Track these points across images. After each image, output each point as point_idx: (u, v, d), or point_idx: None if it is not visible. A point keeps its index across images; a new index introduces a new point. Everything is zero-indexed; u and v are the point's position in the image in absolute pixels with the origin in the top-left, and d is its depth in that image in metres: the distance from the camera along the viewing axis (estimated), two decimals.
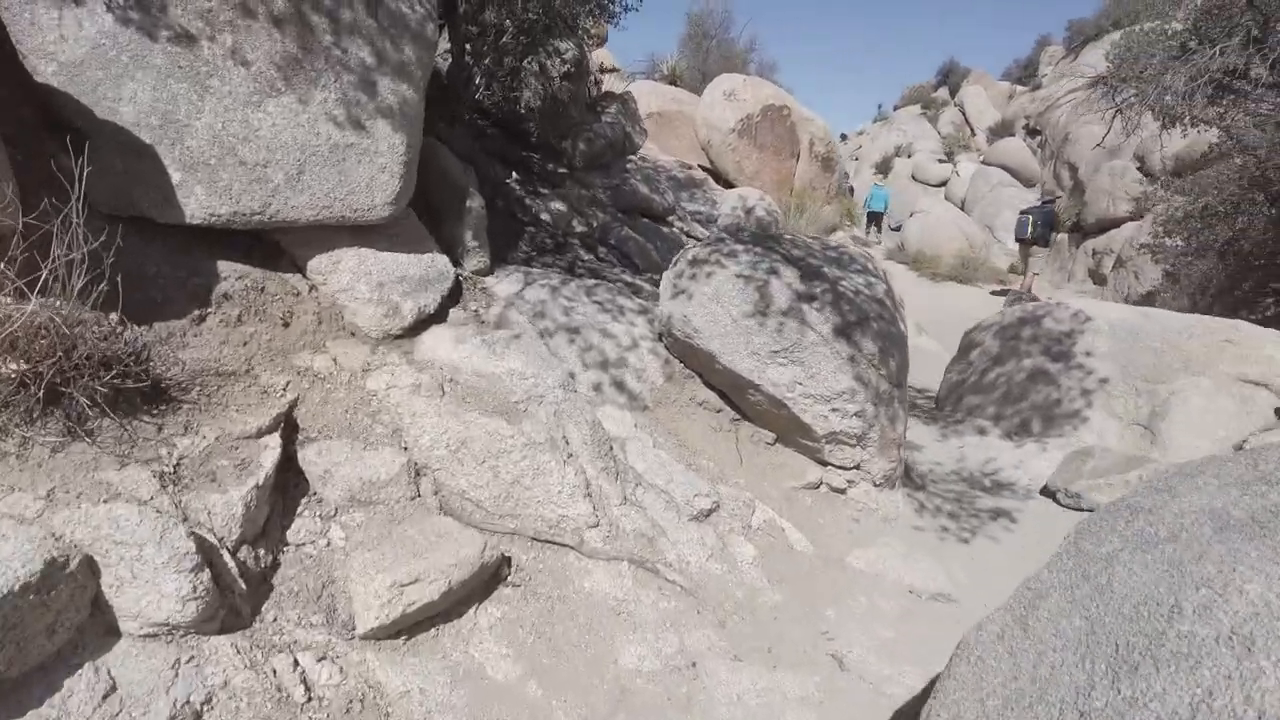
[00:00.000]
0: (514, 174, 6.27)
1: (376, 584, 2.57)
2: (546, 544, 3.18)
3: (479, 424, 3.23)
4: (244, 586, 2.42)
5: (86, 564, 2.06)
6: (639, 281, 5.30)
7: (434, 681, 2.51)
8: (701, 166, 10.49)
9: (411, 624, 2.65)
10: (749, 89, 10.90)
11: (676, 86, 13.84)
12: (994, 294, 13.40)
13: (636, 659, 2.87)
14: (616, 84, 9.61)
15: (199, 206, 3.12)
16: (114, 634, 2.11)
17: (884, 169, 26.36)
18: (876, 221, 19.05)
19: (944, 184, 23.39)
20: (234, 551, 2.46)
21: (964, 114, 28.40)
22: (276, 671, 2.30)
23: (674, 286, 4.16)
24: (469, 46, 5.66)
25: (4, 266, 2.22)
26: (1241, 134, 8.33)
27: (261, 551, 2.59)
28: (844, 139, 32.00)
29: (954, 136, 26.92)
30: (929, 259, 15.95)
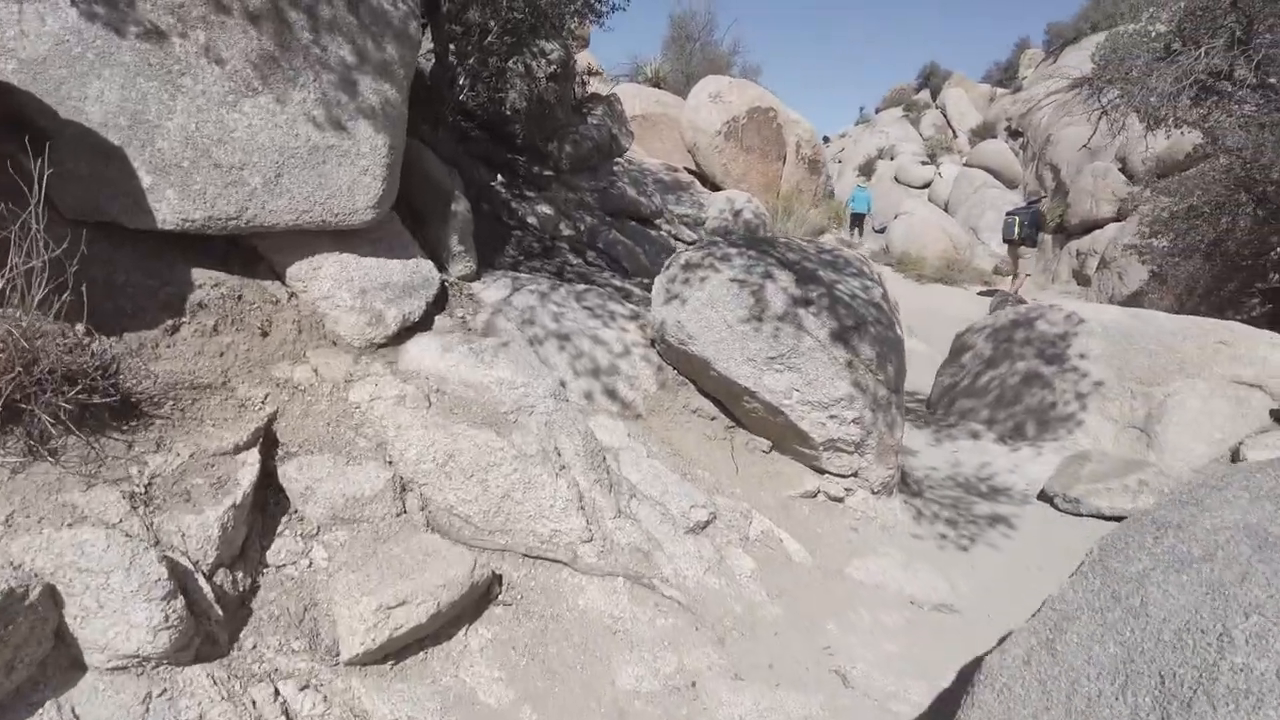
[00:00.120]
0: (499, 177, 6.14)
1: (361, 607, 2.44)
2: (538, 560, 3.06)
3: (467, 436, 3.11)
4: (220, 612, 2.28)
5: (48, 594, 1.92)
6: (629, 286, 5.19)
7: (423, 709, 2.38)
8: (688, 169, 10.42)
9: (399, 648, 2.53)
10: (735, 91, 10.84)
11: (660, 89, 13.79)
12: (981, 295, 13.42)
13: (634, 680, 2.75)
14: (600, 87, 9.52)
15: (171, 211, 2.98)
16: (79, 668, 1.97)
17: (867, 171, 26.44)
18: (859, 223, 19.07)
19: (927, 186, 23.49)
20: (210, 575, 2.32)
21: (945, 116, 28.58)
22: (256, 702, 2.17)
23: (667, 291, 4.05)
24: (453, 46, 5.53)
25: None
26: (1225, 135, 8.36)
27: (239, 574, 2.46)
28: (826, 141, 32.07)
29: (936, 139, 27.07)
30: (914, 260, 15.99)
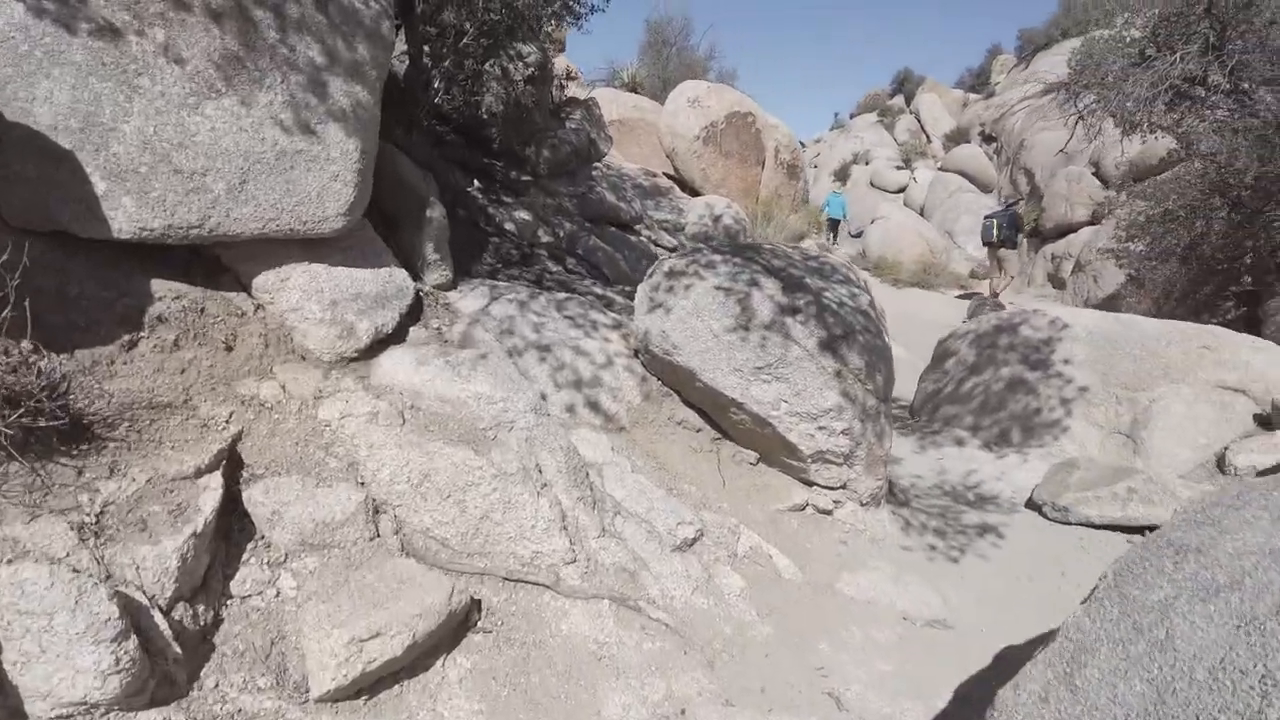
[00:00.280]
0: (476, 182, 6.00)
1: (333, 640, 2.29)
2: (520, 584, 2.93)
3: (443, 454, 2.96)
4: (179, 650, 2.13)
5: None
6: (610, 294, 5.07)
7: None
8: (666, 174, 10.32)
9: (372, 682, 2.38)
10: (713, 96, 10.77)
11: (637, 94, 13.71)
12: (959, 298, 13.46)
13: (621, 709, 2.62)
14: (577, 91, 9.40)
15: (127, 220, 2.80)
16: (19, 718, 1.81)
17: (842, 176, 26.52)
18: (834, 228, 19.09)
19: (902, 190, 23.61)
20: (167, 610, 2.17)
21: (920, 121, 28.77)
22: None
23: (650, 300, 3.93)
24: (427, 48, 5.38)
25: None
26: (1199, 140, 8.42)
27: (201, 608, 2.30)
28: (802, 147, 32.18)
29: (911, 144, 27.24)
30: (891, 265, 16.04)
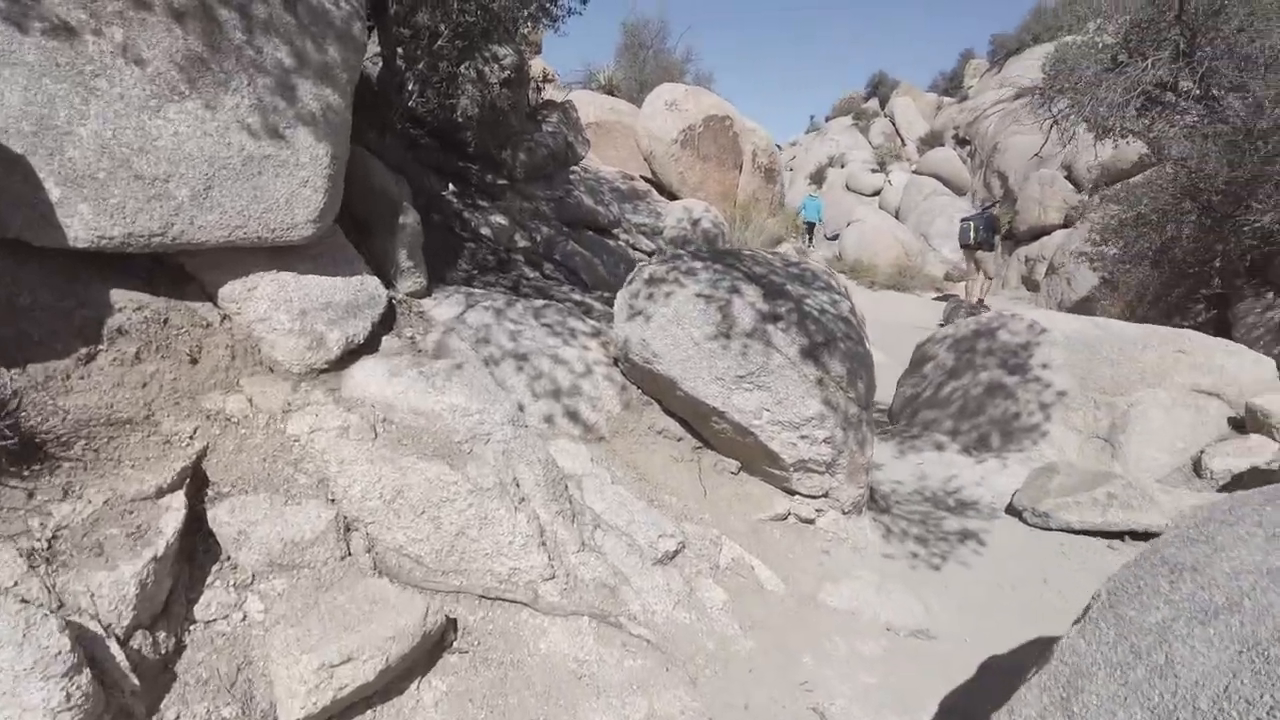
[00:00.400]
0: (451, 186, 5.90)
1: (302, 666, 2.20)
2: (497, 601, 2.85)
3: (417, 469, 2.87)
4: (136, 682, 2.02)
5: None
6: (589, 300, 4.99)
7: None
8: (644, 177, 10.26)
9: (343, 709, 2.29)
10: (691, 99, 10.73)
11: (614, 96, 13.64)
12: (936, 300, 13.57)
13: None
14: (554, 94, 9.32)
15: (85, 228, 2.68)
16: None
17: (818, 179, 26.69)
18: (810, 231, 19.18)
19: (877, 193, 23.80)
20: (125, 640, 2.06)
21: (894, 125, 29.05)
22: None
23: (630, 307, 3.86)
24: (401, 50, 5.28)
25: None
26: (1170, 145, 8.53)
27: (161, 635, 2.20)
28: (779, 150, 32.31)
29: (885, 147, 27.48)
30: (866, 268, 16.15)
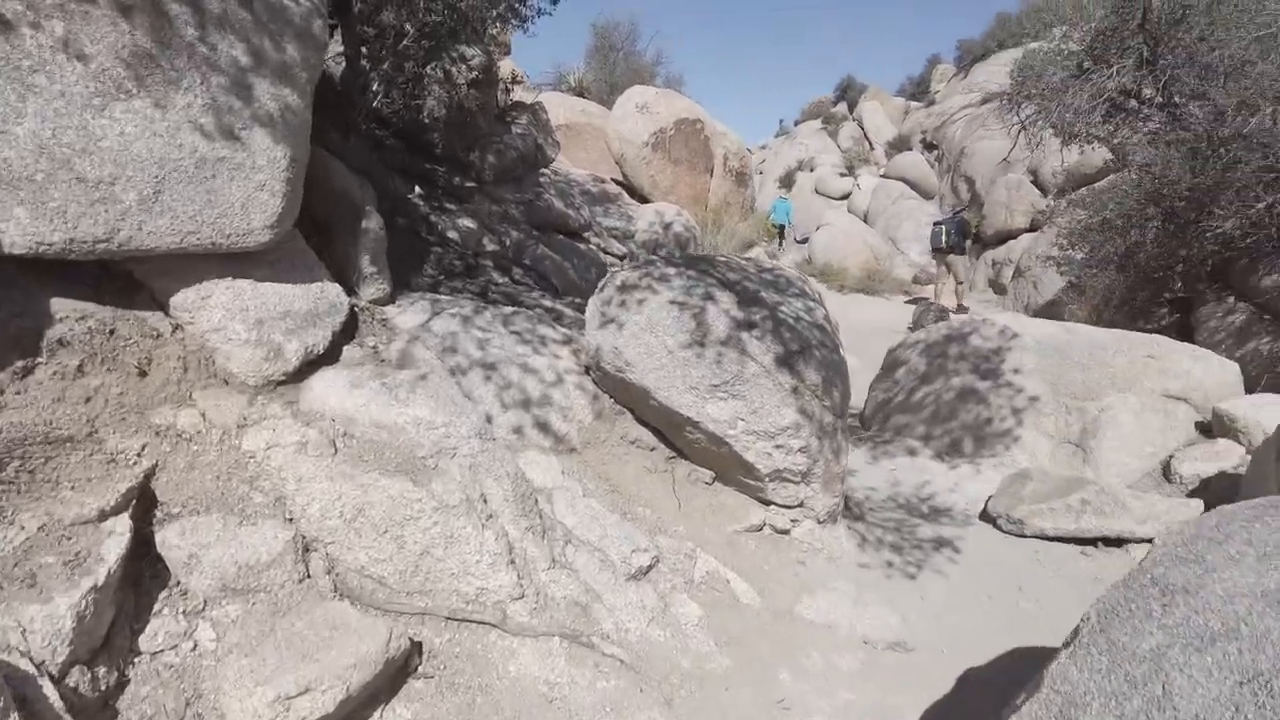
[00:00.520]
0: (417, 188, 5.76)
1: (256, 699, 2.08)
2: (464, 623, 2.74)
3: (379, 486, 2.75)
4: None
5: None
6: (560, 307, 4.89)
7: None
8: (615, 180, 10.18)
9: None
10: (662, 102, 10.67)
11: (585, 98, 13.56)
12: (908, 303, 13.66)
13: None
14: (523, 95, 9.20)
15: (21, 233, 2.52)
16: None
17: (787, 183, 26.76)
18: (780, 234, 19.23)
19: (846, 197, 23.91)
20: (60, 678, 1.92)
21: (863, 129, 29.24)
22: None
23: (602, 315, 3.77)
24: (365, 50, 5.14)
25: None
26: (1133, 151, 8.64)
27: (102, 670, 2.06)
28: (749, 153, 32.41)
29: (854, 151, 27.64)
30: (836, 271, 16.19)
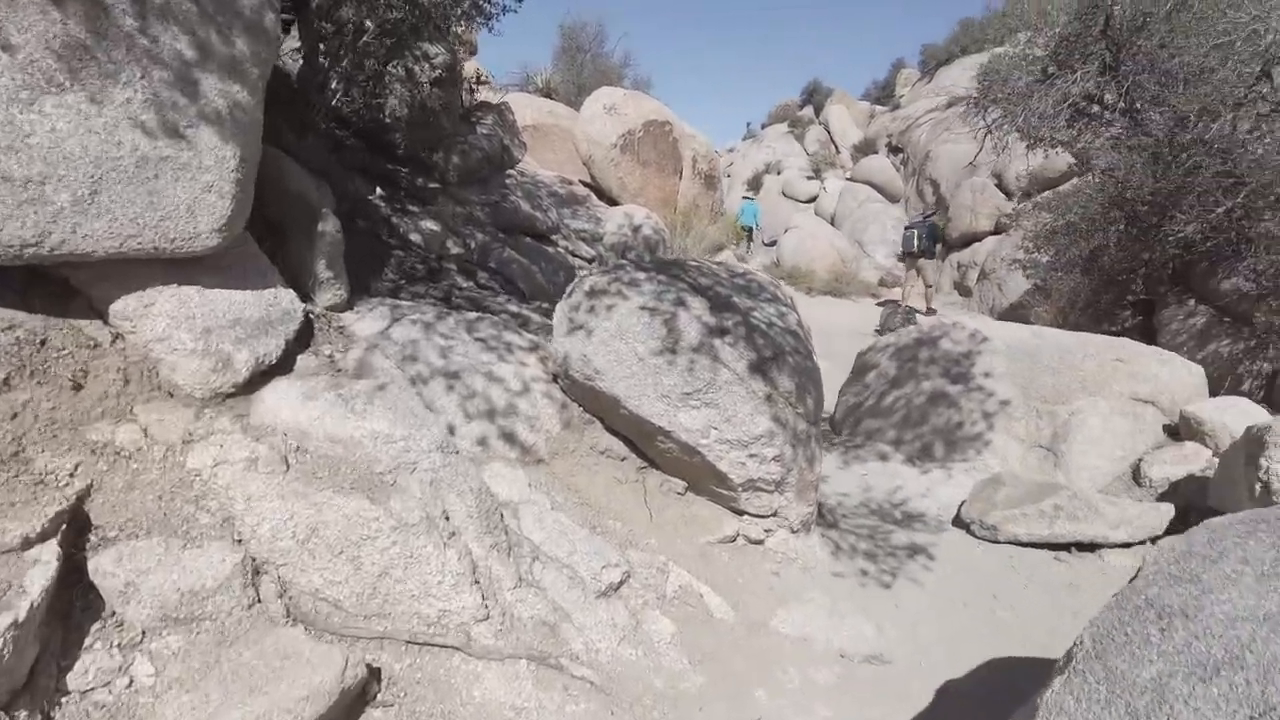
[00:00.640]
0: (378, 189, 5.59)
1: None
2: (425, 647, 2.60)
3: (334, 505, 2.60)
4: None
5: None
6: (527, 312, 4.76)
7: None
8: (583, 182, 10.06)
9: None
10: (630, 103, 10.57)
11: (552, 99, 13.42)
12: (879, 305, 13.74)
13: None
14: (489, 95, 9.04)
15: None
16: None
17: (755, 186, 26.84)
18: (749, 237, 19.23)
19: (813, 200, 24.04)
20: None
21: (829, 132, 29.45)
22: None
23: (570, 321, 3.65)
24: (323, 46, 4.97)
25: None
26: (1096, 156, 8.75)
27: (23, 713, 1.89)
28: (718, 155, 32.47)
29: (821, 154, 27.81)
30: (804, 274, 16.23)
